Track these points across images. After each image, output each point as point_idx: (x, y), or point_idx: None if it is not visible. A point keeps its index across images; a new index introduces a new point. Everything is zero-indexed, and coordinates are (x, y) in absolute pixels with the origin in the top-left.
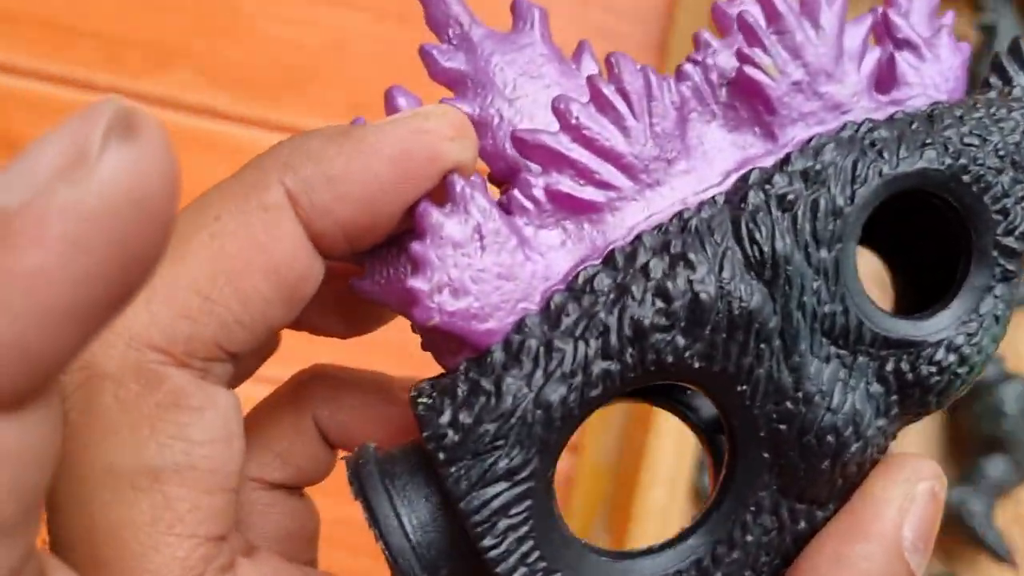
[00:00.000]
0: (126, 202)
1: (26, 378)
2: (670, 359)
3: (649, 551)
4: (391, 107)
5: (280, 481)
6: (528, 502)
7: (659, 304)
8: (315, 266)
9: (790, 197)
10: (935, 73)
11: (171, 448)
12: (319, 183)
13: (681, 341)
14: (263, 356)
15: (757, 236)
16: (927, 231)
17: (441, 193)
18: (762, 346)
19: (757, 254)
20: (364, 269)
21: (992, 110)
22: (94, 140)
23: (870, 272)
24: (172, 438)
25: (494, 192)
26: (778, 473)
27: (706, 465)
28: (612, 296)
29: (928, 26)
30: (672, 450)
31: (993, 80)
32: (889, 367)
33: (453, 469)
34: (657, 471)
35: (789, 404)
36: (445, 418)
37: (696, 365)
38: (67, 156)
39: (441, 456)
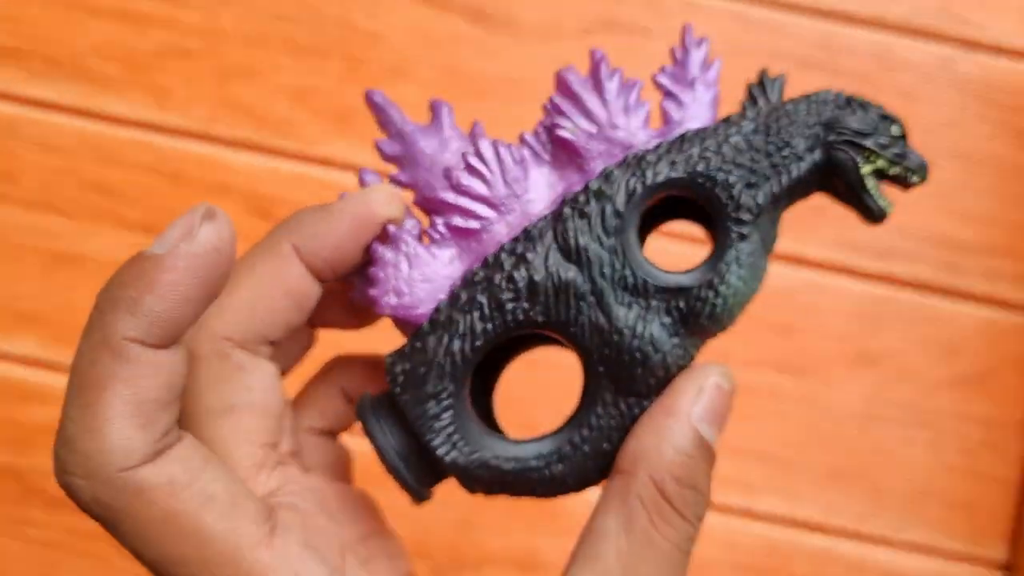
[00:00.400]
0: (211, 251)
1: (172, 330)
2: (521, 317)
3: (538, 438)
4: (361, 182)
5: (321, 428)
6: (450, 411)
7: (509, 286)
8: (314, 288)
9: (586, 209)
10: (693, 111)
11: (239, 394)
12: (310, 239)
13: (526, 306)
14: (303, 351)
15: (567, 236)
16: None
17: (384, 236)
18: (580, 303)
19: (567, 247)
20: (354, 285)
21: (726, 129)
22: (196, 222)
23: None
24: (239, 388)
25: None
26: (612, 380)
27: None
28: (484, 284)
29: (700, 71)
30: None
31: (746, 104)
32: (672, 304)
33: (404, 397)
34: None
35: (607, 336)
36: (398, 368)
37: (539, 319)
38: (184, 229)
39: (397, 390)
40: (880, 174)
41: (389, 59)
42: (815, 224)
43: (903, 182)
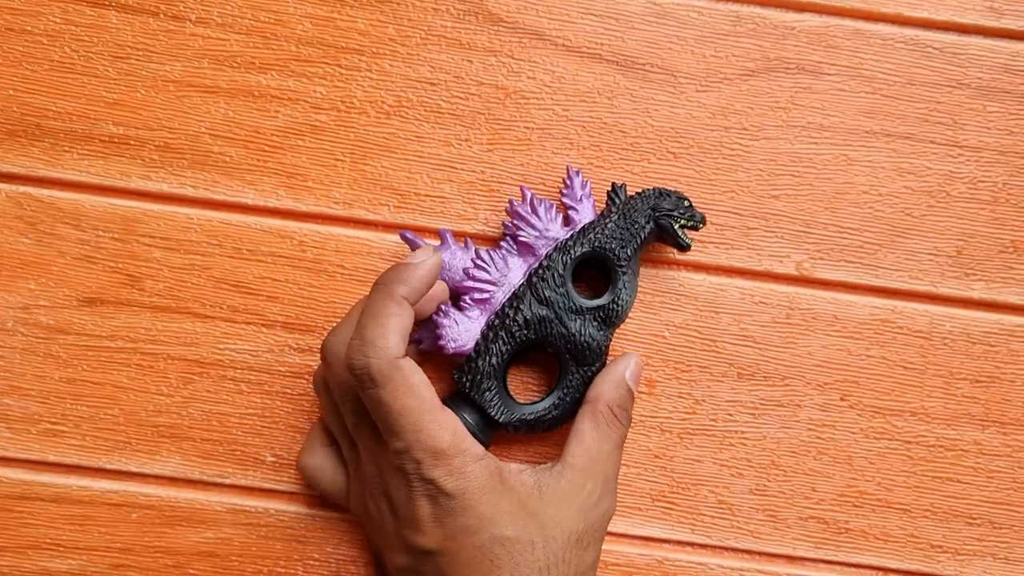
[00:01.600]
0: (435, 265)
1: (416, 296)
2: (523, 338)
3: (540, 400)
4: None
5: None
6: (497, 395)
7: (512, 322)
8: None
9: (543, 275)
10: (583, 214)
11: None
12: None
13: (525, 331)
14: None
15: (537, 291)
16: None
17: (439, 311)
18: (551, 324)
19: (539, 297)
20: (422, 340)
21: (604, 220)
22: (430, 251)
23: None
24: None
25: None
26: (573, 359)
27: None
28: (498, 324)
29: (581, 190)
30: None
31: (608, 202)
32: (597, 315)
33: (472, 392)
34: None
35: (568, 337)
36: (464, 378)
37: (533, 336)
38: (427, 252)
39: (467, 389)
40: (683, 226)
41: (538, 118)
42: (1010, 266)
43: (695, 228)
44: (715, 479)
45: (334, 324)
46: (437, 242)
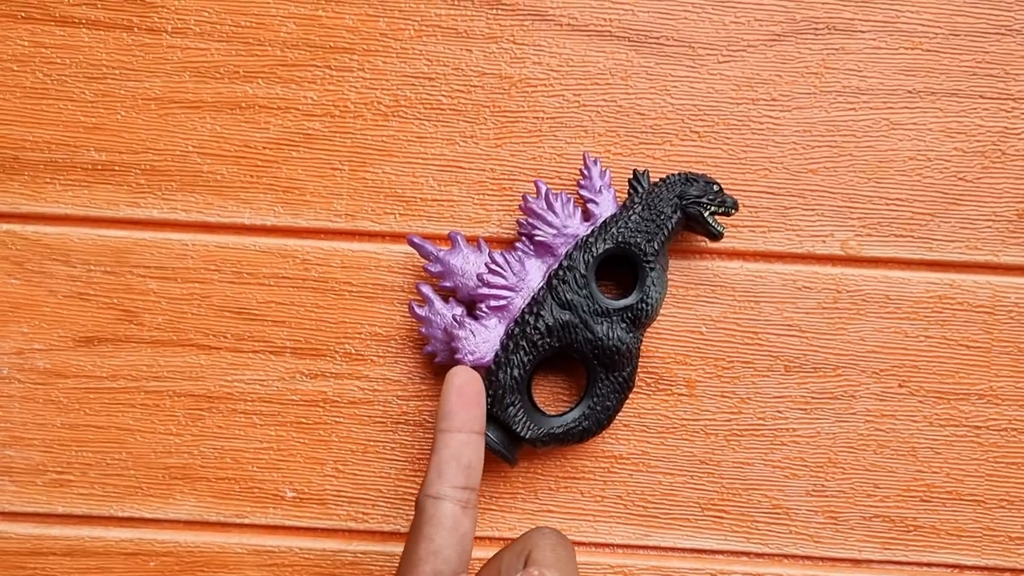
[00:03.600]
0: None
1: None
2: (547, 347)
3: (568, 411)
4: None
5: None
6: (521, 409)
7: (533, 330)
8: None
9: (564, 276)
10: (604, 207)
11: None
12: None
13: (548, 339)
14: None
15: (558, 295)
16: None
17: (455, 323)
18: (576, 330)
19: (560, 301)
20: (437, 354)
21: (627, 212)
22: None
23: None
24: None
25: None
26: (602, 365)
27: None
28: (520, 334)
29: (600, 181)
30: None
31: (630, 191)
32: (625, 316)
33: (494, 409)
34: None
35: (595, 342)
36: (486, 394)
37: (557, 344)
38: (457, 381)
39: (488, 406)
40: (714, 213)
41: (547, 107)
42: None
43: (726, 214)
44: (768, 482)
45: (345, 346)
46: (447, 247)
